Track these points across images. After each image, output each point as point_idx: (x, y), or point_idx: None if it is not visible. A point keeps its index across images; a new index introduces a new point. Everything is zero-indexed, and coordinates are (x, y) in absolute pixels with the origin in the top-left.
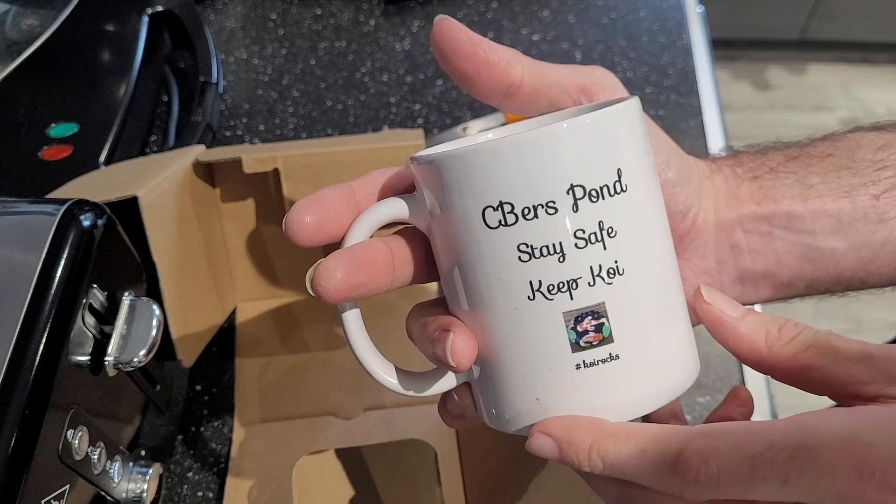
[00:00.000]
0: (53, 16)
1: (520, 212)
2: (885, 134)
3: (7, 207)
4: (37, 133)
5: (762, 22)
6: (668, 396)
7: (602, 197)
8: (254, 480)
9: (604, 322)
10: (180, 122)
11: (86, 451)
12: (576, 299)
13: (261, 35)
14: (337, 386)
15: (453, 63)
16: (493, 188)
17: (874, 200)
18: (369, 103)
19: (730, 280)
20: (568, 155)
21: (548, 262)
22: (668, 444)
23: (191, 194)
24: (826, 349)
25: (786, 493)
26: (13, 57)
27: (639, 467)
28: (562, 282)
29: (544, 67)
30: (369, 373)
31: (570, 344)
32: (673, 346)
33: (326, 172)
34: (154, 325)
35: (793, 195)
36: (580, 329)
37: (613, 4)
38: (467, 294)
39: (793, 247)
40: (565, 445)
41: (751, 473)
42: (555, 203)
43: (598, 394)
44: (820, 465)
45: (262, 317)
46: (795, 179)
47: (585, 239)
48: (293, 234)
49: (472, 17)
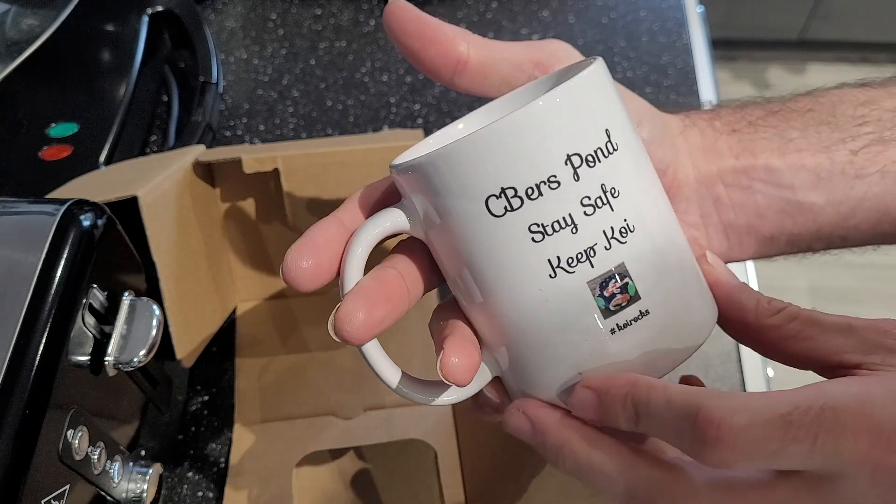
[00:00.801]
0: (53, 16)
1: (524, 193)
2: (869, 90)
3: (7, 207)
4: (37, 133)
5: (762, 22)
6: (698, 340)
7: (598, 160)
8: (254, 480)
9: (628, 281)
10: (180, 122)
11: (86, 451)
12: (596, 266)
13: (261, 35)
14: (337, 386)
15: (402, 40)
16: (491, 177)
17: (852, 156)
18: (369, 103)
19: (716, 233)
20: (558, 126)
21: (562, 236)
22: (695, 399)
23: (191, 194)
24: (810, 321)
25: (812, 459)
26: (13, 57)
27: (662, 418)
28: (579, 252)
29: (494, 44)
30: (401, 393)
31: (601, 311)
32: (693, 291)
33: (326, 172)
34: (154, 325)
35: (771, 149)
36: (607, 294)
37: (613, 4)
38: (482, 289)
39: (773, 201)
40: (604, 396)
41: (782, 433)
42: (556, 177)
43: (637, 352)
44: (844, 428)
45: (262, 317)
46: (774, 133)
47: (592, 205)
48: (293, 281)
49: (472, 17)
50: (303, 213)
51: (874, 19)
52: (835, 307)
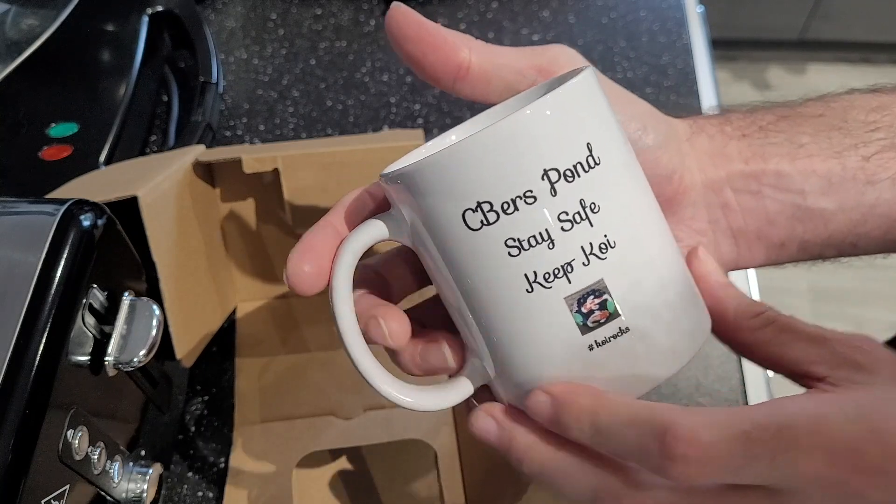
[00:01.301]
0: (53, 16)
1: (499, 208)
2: (881, 96)
3: (7, 207)
4: (37, 133)
5: (762, 22)
6: (684, 357)
7: (577, 175)
8: (254, 480)
9: (607, 298)
10: (180, 122)
11: (86, 451)
12: (574, 282)
13: (261, 35)
14: (337, 386)
15: (403, 47)
16: (467, 191)
17: (864, 162)
18: (369, 103)
19: (724, 240)
20: (534, 141)
21: (538, 251)
22: (661, 416)
23: (191, 194)
24: (785, 328)
25: (770, 475)
26: (13, 57)
27: (624, 436)
28: (556, 268)
29: (496, 50)
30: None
31: (579, 327)
32: (679, 307)
33: (326, 172)
34: (154, 325)
35: (781, 154)
36: (585, 310)
37: (613, 4)
38: (466, 299)
39: (783, 206)
40: (560, 406)
41: (744, 449)
42: (532, 192)
43: (617, 369)
44: (799, 447)
45: (262, 317)
46: (785, 138)
47: (570, 220)
48: (296, 285)
49: (473, 17)
50: (303, 213)
51: (874, 19)
52: (835, 307)
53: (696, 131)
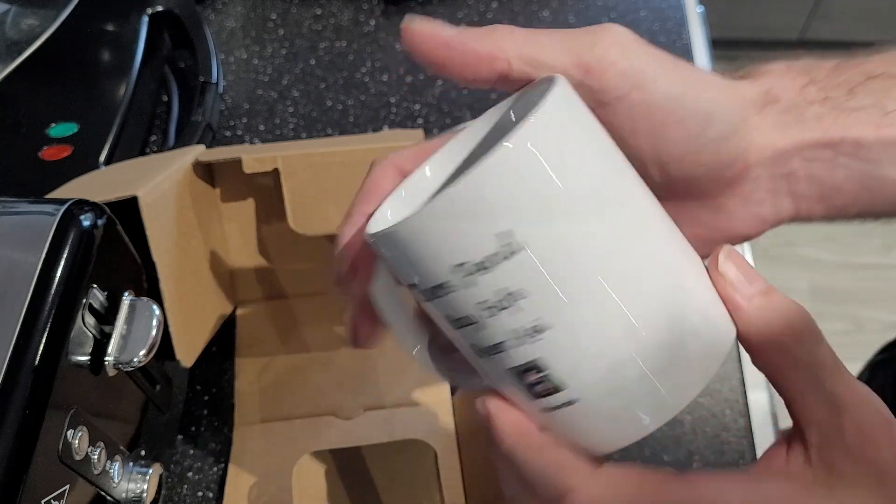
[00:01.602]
0: (53, 16)
1: (427, 291)
2: None
3: (7, 207)
4: (37, 133)
5: (762, 22)
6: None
7: (494, 265)
8: (254, 480)
9: (547, 373)
10: (180, 122)
11: (86, 451)
12: (512, 357)
13: (261, 35)
14: (337, 386)
15: (432, 68)
16: (398, 272)
17: None
18: (369, 103)
19: (784, 200)
20: (436, 239)
21: (471, 330)
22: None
23: (191, 194)
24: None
25: None
26: (13, 57)
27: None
28: (490, 346)
29: (537, 46)
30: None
31: (528, 393)
32: (635, 376)
33: (326, 172)
34: (154, 325)
35: (865, 121)
36: (529, 381)
37: (613, 4)
38: None
39: (853, 173)
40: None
41: None
42: (447, 283)
43: (573, 432)
44: None
45: (262, 317)
46: (872, 102)
47: (493, 307)
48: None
49: (472, 18)
50: (303, 213)
51: (874, 19)
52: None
53: (770, 101)
